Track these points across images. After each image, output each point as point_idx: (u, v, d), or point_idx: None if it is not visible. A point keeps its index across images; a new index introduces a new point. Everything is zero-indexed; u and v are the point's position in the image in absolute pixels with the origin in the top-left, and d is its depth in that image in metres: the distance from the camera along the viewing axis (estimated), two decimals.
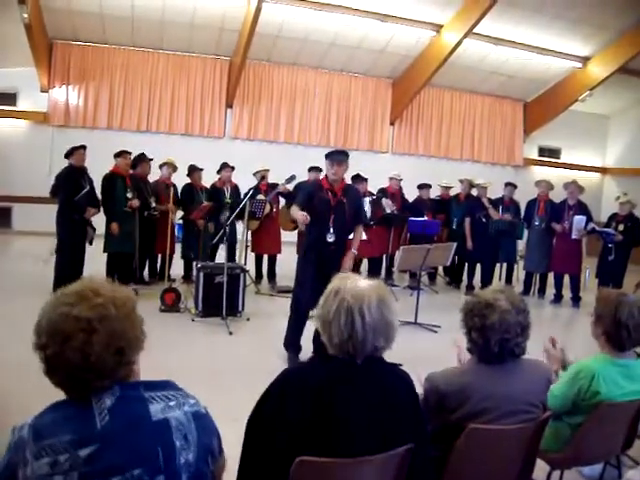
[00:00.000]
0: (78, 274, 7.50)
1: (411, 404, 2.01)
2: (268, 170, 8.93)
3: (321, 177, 6.19)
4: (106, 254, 7.88)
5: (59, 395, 1.59)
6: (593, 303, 2.93)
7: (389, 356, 2.01)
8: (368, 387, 1.91)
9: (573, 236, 8.93)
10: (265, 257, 9.17)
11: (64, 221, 7.38)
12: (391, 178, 9.93)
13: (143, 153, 8.66)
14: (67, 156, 7.57)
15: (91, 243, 7.73)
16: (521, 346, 2.38)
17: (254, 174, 8.81)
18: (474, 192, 10.20)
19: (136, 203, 7.89)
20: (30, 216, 11.69)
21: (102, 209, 7.85)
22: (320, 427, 1.82)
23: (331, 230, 5.45)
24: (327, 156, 5.54)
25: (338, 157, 5.50)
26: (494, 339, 2.31)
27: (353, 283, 1.98)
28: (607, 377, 2.71)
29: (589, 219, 8.98)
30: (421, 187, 10.32)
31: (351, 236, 5.83)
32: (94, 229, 7.71)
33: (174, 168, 8.92)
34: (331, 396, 1.85)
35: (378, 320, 1.91)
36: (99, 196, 7.83)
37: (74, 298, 1.50)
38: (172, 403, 1.56)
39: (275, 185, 8.68)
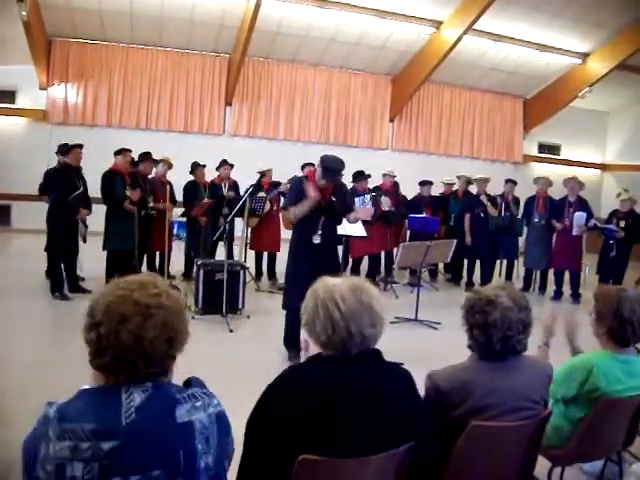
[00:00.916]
0: (73, 273, 7.50)
1: (413, 402, 2.00)
2: (270, 169, 8.93)
3: (307, 171, 6.00)
4: (105, 252, 7.87)
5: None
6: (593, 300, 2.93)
7: (391, 352, 2.00)
8: (367, 386, 1.90)
9: (574, 232, 8.92)
10: (265, 255, 9.15)
11: (55, 221, 7.34)
12: (385, 175, 9.90)
13: (149, 152, 8.65)
14: (63, 154, 7.51)
15: (85, 240, 7.70)
16: (522, 343, 2.37)
17: (258, 173, 8.77)
18: (473, 188, 10.18)
19: (136, 195, 7.78)
20: (29, 214, 11.64)
21: (105, 206, 7.83)
22: (321, 426, 1.82)
23: (319, 232, 5.35)
24: (324, 166, 5.24)
25: (331, 175, 5.25)
26: (496, 336, 2.31)
27: (325, 281, 2.01)
28: (608, 372, 2.72)
29: (590, 215, 8.97)
30: (422, 184, 10.31)
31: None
32: (86, 226, 7.68)
33: (169, 165, 8.90)
34: (331, 395, 1.84)
35: (355, 305, 1.91)
36: (99, 194, 7.82)
37: (134, 285, 1.58)
38: (198, 404, 1.59)
39: (278, 183, 8.69)
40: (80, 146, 7.58)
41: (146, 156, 8.57)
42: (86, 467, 1.41)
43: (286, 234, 9.16)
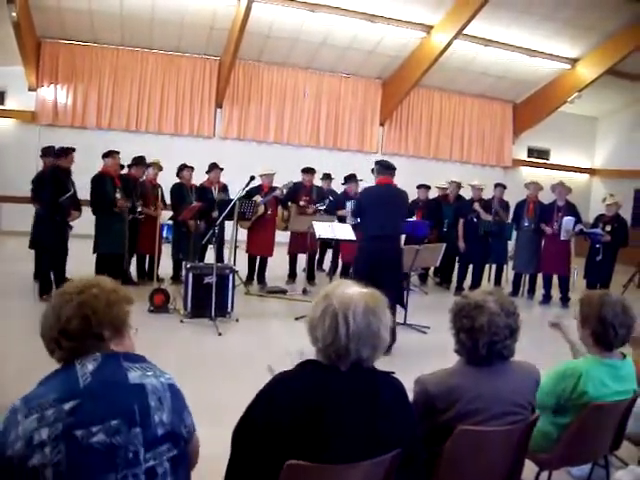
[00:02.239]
0: (61, 275, 7.47)
1: (403, 411, 2.00)
2: (274, 174, 8.97)
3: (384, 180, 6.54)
4: (94, 255, 7.83)
5: None
6: None
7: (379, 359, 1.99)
8: (358, 394, 1.89)
9: (562, 237, 8.97)
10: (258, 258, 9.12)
11: (46, 223, 7.30)
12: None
13: (143, 157, 8.64)
14: (59, 157, 7.47)
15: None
16: (509, 348, 2.38)
17: (260, 176, 8.77)
18: (464, 192, 10.20)
19: (124, 203, 7.80)
20: (18, 216, 11.58)
21: (92, 210, 7.80)
22: (310, 433, 1.81)
23: None
24: (383, 165, 6.48)
25: (390, 171, 6.49)
26: (482, 341, 2.31)
27: (343, 288, 1.94)
28: (594, 377, 2.73)
29: (578, 220, 9.02)
30: (419, 187, 10.32)
31: None
32: (71, 227, 7.65)
33: (160, 168, 8.87)
34: (322, 402, 1.84)
35: (363, 329, 1.86)
36: (88, 197, 7.79)
37: (75, 283, 1.83)
38: (149, 373, 1.75)
39: (274, 188, 8.72)
40: (74, 150, 7.58)
41: (140, 160, 8.56)
42: (51, 429, 1.54)
43: (279, 237, 9.20)
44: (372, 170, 6.60)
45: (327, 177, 10.18)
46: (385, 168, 6.41)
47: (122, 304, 1.81)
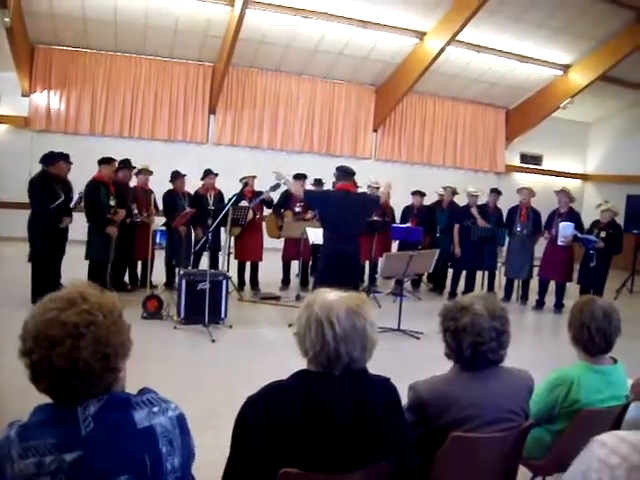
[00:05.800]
0: (56, 281, 7.43)
1: (396, 419, 2.00)
2: (254, 177, 8.92)
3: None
4: (87, 261, 7.80)
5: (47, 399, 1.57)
6: None
7: (373, 362, 1.99)
8: (352, 401, 1.88)
9: (559, 242, 8.95)
10: (248, 264, 9.10)
11: (38, 229, 7.27)
12: (369, 186, 9.68)
13: (128, 160, 8.60)
14: (46, 163, 7.40)
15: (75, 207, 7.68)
16: (498, 352, 2.38)
17: (240, 180, 8.78)
18: (465, 199, 10.18)
19: (122, 214, 7.76)
20: (9, 221, 11.53)
21: (87, 217, 7.76)
22: (304, 440, 1.81)
23: None
24: (343, 170, 6.78)
25: (350, 176, 6.87)
26: (466, 342, 2.33)
27: (324, 295, 1.96)
28: (586, 384, 2.74)
29: (577, 227, 8.99)
30: (414, 194, 10.30)
31: None
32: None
33: (149, 173, 8.85)
34: (316, 410, 1.83)
35: (349, 330, 1.87)
36: (82, 204, 7.77)
37: (61, 303, 1.49)
38: (155, 409, 1.58)
39: (259, 193, 8.68)
40: (64, 157, 7.50)
41: (125, 163, 8.52)
42: (54, 479, 1.41)
43: (268, 243, 9.19)
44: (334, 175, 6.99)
45: (318, 183, 10.12)
46: (345, 174, 6.79)
47: (123, 318, 1.59)
